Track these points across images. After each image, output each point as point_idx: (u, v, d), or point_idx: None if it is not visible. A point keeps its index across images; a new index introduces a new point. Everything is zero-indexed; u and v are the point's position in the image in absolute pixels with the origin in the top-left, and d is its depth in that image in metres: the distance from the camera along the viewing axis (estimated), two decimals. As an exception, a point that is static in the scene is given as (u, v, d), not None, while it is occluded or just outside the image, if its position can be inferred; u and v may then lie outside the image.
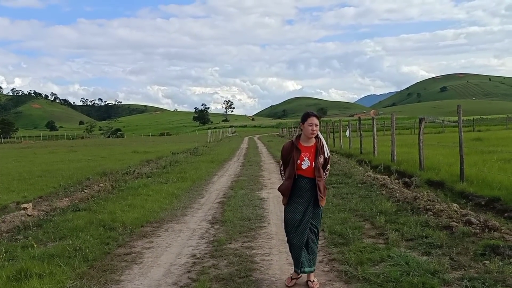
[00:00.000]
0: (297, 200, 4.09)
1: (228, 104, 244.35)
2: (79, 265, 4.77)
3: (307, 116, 4.09)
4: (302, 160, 4.05)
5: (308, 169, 4.04)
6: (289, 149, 4.15)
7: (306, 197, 4.08)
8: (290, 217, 4.13)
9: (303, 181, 4.07)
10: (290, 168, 4.09)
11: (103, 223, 6.74)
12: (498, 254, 4.46)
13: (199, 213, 7.82)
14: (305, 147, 4.11)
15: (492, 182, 8.27)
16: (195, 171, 14.29)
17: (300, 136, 4.20)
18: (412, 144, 16.56)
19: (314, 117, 4.06)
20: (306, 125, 4.07)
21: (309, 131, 4.05)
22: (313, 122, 4.03)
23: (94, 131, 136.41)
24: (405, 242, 5.21)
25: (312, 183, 4.06)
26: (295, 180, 4.06)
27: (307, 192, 4.07)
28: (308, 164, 4.05)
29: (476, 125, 45.70)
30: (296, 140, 4.16)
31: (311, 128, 4.04)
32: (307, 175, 4.06)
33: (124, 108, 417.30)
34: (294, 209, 4.10)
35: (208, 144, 37.58)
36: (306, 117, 4.08)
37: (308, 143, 4.12)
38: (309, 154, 4.07)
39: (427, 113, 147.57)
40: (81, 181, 11.84)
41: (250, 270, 4.57)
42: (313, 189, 4.07)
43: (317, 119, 4.06)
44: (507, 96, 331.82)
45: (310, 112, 4.11)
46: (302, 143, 4.13)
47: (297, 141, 4.15)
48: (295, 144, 4.12)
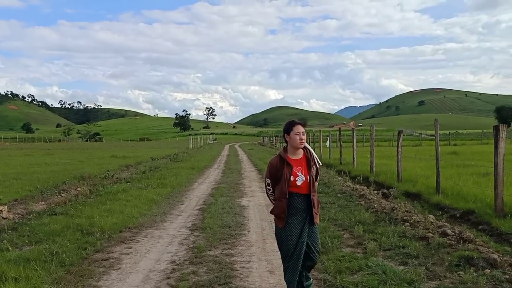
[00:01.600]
0: (292, 221, 3.64)
1: (209, 111, 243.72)
2: (56, 270, 4.69)
3: (292, 124, 3.71)
4: (296, 175, 3.62)
5: (303, 185, 3.63)
6: (278, 165, 3.69)
7: (302, 216, 3.65)
8: (285, 240, 3.66)
9: (299, 200, 3.64)
10: (282, 187, 3.62)
11: (81, 227, 6.64)
12: (472, 265, 4.58)
13: (179, 219, 7.78)
14: (295, 160, 3.69)
15: (467, 195, 8.49)
16: (175, 177, 14.20)
17: (286, 149, 3.77)
18: (390, 156, 16.87)
19: (300, 125, 3.70)
20: (293, 134, 3.67)
21: (297, 141, 3.65)
22: (300, 131, 3.66)
23: (72, 135, 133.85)
24: (383, 251, 5.30)
25: (308, 201, 3.66)
26: (289, 199, 3.63)
27: (303, 211, 3.65)
28: (303, 179, 3.63)
29: (452, 139, 46.80)
30: (284, 154, 3.73)
31: (299, 137, 3.65)
32: (302, 191, 3.64)
33: (103, 112, 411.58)
34: (290, 232, 3.63)
35: (188, 150, 37.38)
36: (291, 126, 3.69)
37: (297, 156, 3.72)
38: (301, 168, 3.66)
39: (405, 126, 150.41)
40: (58, 185, 11.61)
41: (229, 277, 4.57)
42: (309, 207, 3.66)
43: (303, 127, 3.71)
44: (482, 112, 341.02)
45: (294, 120, 3.77)
46: (291, 157, 3.71)
47: (285, 155, 3.71)
48: (285, 158, 3.68)
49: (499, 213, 6.88)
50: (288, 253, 3.65)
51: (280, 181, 3.65)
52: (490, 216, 6.95)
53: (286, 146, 3.79)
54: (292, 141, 3.69)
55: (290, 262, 3.65)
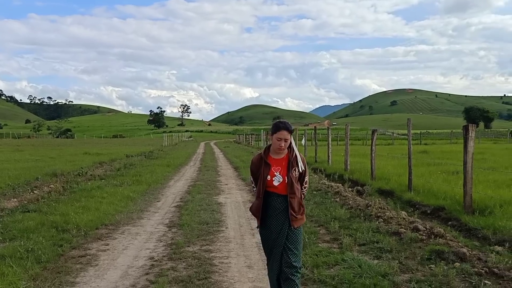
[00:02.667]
0: (270, 222, 3.55)
1: (184, 108, 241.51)
2: (32, 266, 4.63)
3: (277, 128, 3.51)
4: (273, 175, 3.51)
5: (281, 185, 3.51)
6: (258, 163, 3.63)
7: (281, 218, 3.52)
8: (264, 240, 3.64)
9: (277, 200, 3.53)
10: (259, 186, 3.57)
11: (56, 224, 6.54)
12: (443, 259, 4.78)
13: (156, 216, 7.76)
14: (275, 160, 3.57)
15: (438, 192, 8.78)
16: (150, 174, 14.09)
17: (269, 147, 3.67)
18: (364, 155, 17.21)
19: (285, 131, 3.47)
20: (275, 138, 3.52)
21: (277, 146, 3.51)
22: (282, 137, 3.47)
23: (42, 131, 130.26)
24: (358, 246, 5.46)
25: (287, 202, 3.53)
26: (268, 199, 3.54)
27: (282, 212, 3.52)
28: (280, 179, 3.51)
29: (422, 139, 48.01)
30: (265, 153, 3.63)
31: (279, 144, 3.50)
32: (281, 192, 3.52)
33: (75, 108, 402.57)
34: (268, 232, 3.57)
35: (163, 148, 37.04)
36: (276, 130, 3.51)
37: (279, 155, 3.58)
38: (280, 168, 3.53)
39: (378, 125, 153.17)
40: (30, 182, 11.36)
41: (209, 273, 4.62)
42: (288, 208, 3.53)
43: (288, 133, 3.49)
44: (451, 112, 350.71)
45: (281, 125, 3.52)
46: (272, 156, 3.60)
47: (266, 154, 3.62)
48: (264, 157, 3.59)
49: (468, 209, 7.15)
50: (266, 252, 3.65)
51: (258, 180, 3.59)
52: (460, 213, 7.22)
53: (270, 144, 3.68)
54: (273, 144, 3.59)
55: (269, 261, 3.63)
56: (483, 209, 6.99)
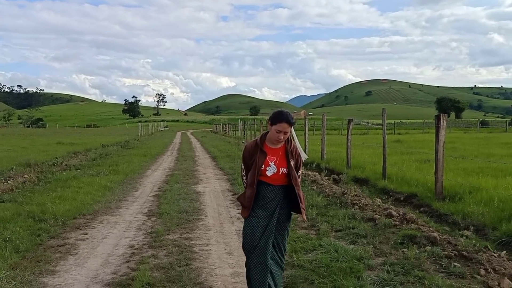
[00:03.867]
0: (259, 212, 3.39)
1: (160, 98, 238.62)
2: (11, 256, 4.61)
3: (278, 119, 3.29)
4: (267, 165, 3.35)
5: (274, 176, 3.36)
6: (252, 151, 3.43)
7: (270, 208, 3.39)
8: (249, 231, 3.40)
9: (267, 189, 3.38)
10: (252, 174, 3.37)
11: (32, 214, 6.48)
12: (415, 243, 4.99)
13: (134, 205, 7.75)
14: (272, 149, 3.40)
15: (410, 180, 9.07)
16: (127, 164, 13.97)
17: (266, 135, 3.46)
18: (340, 144, 17.49)
19: (286, 123, 3.27)
20: (274, 129, 3.32)
21: (275, 137, 3.33)
22: (281, 129, 3.28)
23: (13, 120, 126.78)
24: (334, 232, 5.63)
25: (277, 191, 3.39)
26: (259, 187, 3.39)
27: (271, 202, 3.39)
28: (274, 170, 3.35)
29: (396, 128, 49.01)
30: (261, 140, 3.43)
31: (277, 136, 3.31)
32: (271, 182, 3.38)
33: (46, 96, 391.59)
34: (255, 223, 3.38)
35: (139, 137, 36.62)
36: (276, 121, 3.30)
37: (275, 145, 3.40)
38: (276, 158, 3.37)
39: (354, 115, 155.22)
40: (3, 172, 11.12)
41: (189, 259, 4.69)
42: (278, 198, 3.39)
43: (289, 126, 3.29)
44: (424, 102, 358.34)
45: (282, 117, 3.29)
46: (269, 144, 3.41)
47: (262, 142, 3.42)
48: (260, 145, 3.39)
49: (439, 196, 7.44)
50: (252, 246, 3.36)
51: (252, 168, 3.40)
52: (431, 199, 7.50)
53: (267, 132, 3.46)
54: (271, 134, 3.37)
55: (253, 256, 3.36)
56: (453, 196, 7.29)
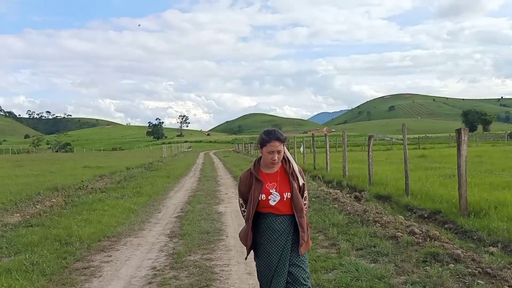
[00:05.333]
0: (269, 247, 3.01)
1: (183, 119, 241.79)
2: (38, 279, 4.74)
3: (265, 140, 2.98)
4: (268, 193, 2.99)
5: (279, 204, 2.99)
6: (247, 182, 3.08)
7: (282, 241, 3.01)
8: (263, 271, 3.06)
9: (276, 221, 3.01)
10: (248, 208, 3.03)
11: (59, 238, 6.65)
12: (438, 261, 4.90)
13: (157, 227, 7.87)
14: (268, 175, 3.05)
15: (434, 196, 8.91)
16: (151, 186, 14.21)
17: (260, 160, 3.13)
18: (363, 161, 17.35)
19: (276, 141, 2.96)
20: (265, 152, 3.00)
21: (269, 160, 3.00)
22: (273, 149, 2.96)
23: (42, 145, 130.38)
24: (355, 251, 5.58)
25: (287, 223, 3.02)
26: (263, 220, 3.03)
27: (283, 235, 3.01)
28: (277, 198, 2.99)
29: (421, 143, 48.24)
30: (255, 168, 3.09)
31: (271, 157, 2.99)
32: (279, 212, 3.00)
33: (73, 121, 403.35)
34: (267, 261, 3.02)
35: (163, 159, 37.14)
36: (265, 142, 2.98)
37: (272, 169, 3.07)
38: (275, 184, 3.01)
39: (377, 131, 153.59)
40: (32, 197, 11.46)
41: (210, 280, 4.73)
42: (288, 230, 3.02)
43: (280, 143, 2.98)
44: (449, 116, 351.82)
45: (271, 133, 3.00)
46: (264, 170, 3.08)
47: (256, 169, 3.09)
48: (254, 173, 3.05)
49: (463, 212, 7.28)
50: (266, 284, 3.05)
51: (248, 200, 3.05)
52: (456, 215, 7.35)
53: (260, 157, 3.14)
54: (263, 158, 3.06)
55: None
56: (478, 211, 7.13)
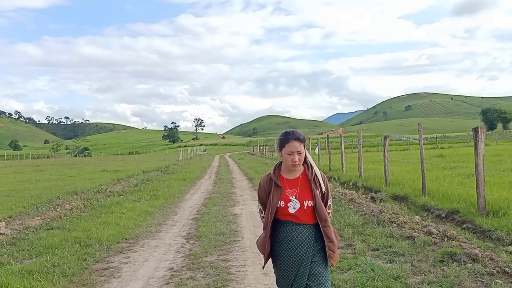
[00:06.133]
0: (287, 258, 2.83)
1: (198, 122, 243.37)
2: (58, 280, 4.86)
3: (285, 140, 2.82)
4: (288, 200, 2.81)
5: (299, 212, 2.80)
6: (267, 187, 2.90)
7: (301, 252, 2.80)
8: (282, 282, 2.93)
9: (295, 230, 2.81)
10: (266, 214, 2.86)
11: (79, 240, 6.80)
12: (455, 261, 4.86)
13: (174, 229, 7.97)
14: (289, 180, 2.87)
15: (452, 196, 8.81)
16: (167, 189, 14.36)
17: (281, 165, 2.95)
18: (379, 161, 17.21)
19: (296, 141, 2.78)
20: (285, 153, 2.82)
21: (289, 162, 2.81)
22: (293, 150, 2.78)
23: (61, 150, 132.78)
24: (371, 251, 5.57)
25: (308, 232, 2.82)
26: (282, 229, 2.84)
27: (303, 245, 2.80)
28: (297, 206, 2.80)
29: (439, 143, 47.56)
30: (274, 173, 2.91)
31: (291, 159, 2.79)
32: (299, 221, 2.81)
33: (91, 126, 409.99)
34: (286, 272, 2.85)
35: (179, 162, 37.43)
36: (284, 142, 2.82)
37: (293, 174, 2.88)
38: (296, 191, 2.82)
39: (393, 131, 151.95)
40: (52, 200, 11.70)
41: (226, 281, 4.79)
42: (309, 241, 2.82)
43: (301, 144, 2.80)
44: (468, 114, 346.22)
45: (290, 133, 2.83)
46: (285, 175, 2.89)
47: (276, 174, 2.90)
48: (274, 178, 2.87)
49: (482, 211, 7.19)
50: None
51: (266, 207, 2.88)
52: (474, 215, 7.25)
53: (281, 161, 2.96)
54: (284, 161, 2.87)
55: None
56: (497, 211, 7.02)
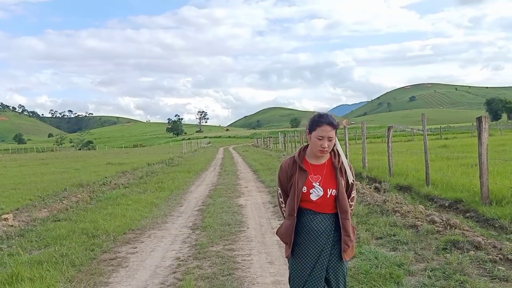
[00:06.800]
0: (305, 249, 2.69)
1: (202, 115, 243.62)
2: (67, 270, 4.96)
3: (316, 123, 2.63)
4: (311, 186, 2.65)
5: (321, 200, 2.66)
6: (289, 170, 2.74)
7: (319, 244, 2.68)
8: (296, 273, 2.72)
9: (314, 219, 2.68)
10: (291, 200, 2.68)
11: (86, 231, 6.89)
12: (458, 248, 4.91)
13: (180, 220, 8.06)
14: (315, 166, 2.70)
15: (456, 185, 8.85)
16: (172, 181, 14.45)
17: (306, 149, 2.78)
18: (383, 152, 17.23)
19: (328, 126, 2.61)
20: (314, 137, 2.63)
21: (317, 147, 2.63)
22: (324, 134, 2.60)
23: (65, 144, 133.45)
24: (375, 240, 5.63)
25: (327, 222, 2.68)
26: (304, 217, 2.70)
27: (321, 236, 2.68)
28: (320, 193, 2.65)
29: (443, 133, 47.42)
30: (299, 156, 2.74)
31: (320, 144, 2.62)
32: (318, 209, 2.68)
33: (95, 120, 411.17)
34: (302, 263, 2.69)
35: (183, 155, 37.58)
36: (315, 125, 2.63)
37: (318, 160, 2.71)
38: (321, 177, 2.67)
39: (398, 122, 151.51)
40: (58, 193, 11.84)
41: (232, 269, 4.87)
42: (328, 231, 2.69)
43: (333, 129, 2.62)
44: (473, 105, 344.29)
45: (324, 117, 2.64)
46: (309, 160, 2.73)
47: (301, 158, 2.74)
48: (298, 161, 2.71)
49: (485, 200, 7.23)
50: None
51: (290, 192, 2.72)
52: (477, 204, 7.30)
53: (306, 145, 2.80)
54: (312, 144, 2.69)
55: None
56: (500, 200, 7.07)
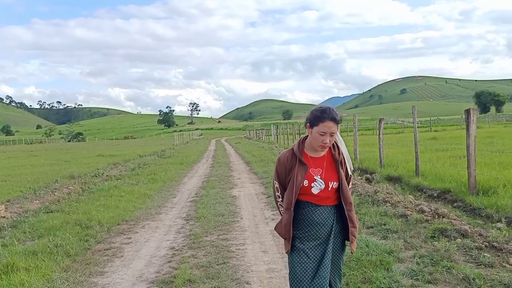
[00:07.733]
0: (307, 243, 2.62)
1: (193, 107, 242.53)
2: (62, 260, 5.00)
3: (319, 118, 2.54)
4: (312, 180, 2.60)
5: (323, 193, 2.60)
6: (288, 163, 2.66)
7: (321, 236, 2.63)
8: (299, 270, 2.59)
9: (315, 212, 2.62)
10: (289, 194, 2.61)
11: (79, 222, 6.92)
12: (446, 236, 5.06)
13: (173, 211, 8.12)
14: (314, 158, 2.65)
15: (444, 176, 9.02)
16: (165, 172, 14.49)
17: (304, 141, 2.70)
18: (374, 144, 17.41)
19: (331, 121, 2.52)
20: (316, 132, 2.55)
21: (319, 143, 2.56)
22: (326, 131, 2.52)
23: (54, 136, 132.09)
24: (366, 229, 5.75)
25: (328, 214, 2.63)
26: (300, 210, 2.64)
27: (322, 228, 2.62)
28: (321, 186, 2.60)
29: (433, 126, 47.87)
30: (298, 149, 2.66)
31: (322, 139, 2.55)
32: (319, 202, 2.62)
33: (84, 111, 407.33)
34: (304, 259, 2.60)
35: (175, 147, 37.52)
36: (318, 120, 2.54)
37: (318, 153, 2.66)
38: (321, 170, 2.62)
39: (388, 114, 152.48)
40: (49, 185, 11.82)
41: (227, 258, 4.95)
42: (329, 222, 2.63)
43: (335, 125, 2.54)
44: (462, 97, 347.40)
45: (327, 112, 2.54)
46: (308, 153, 2.67)
47: (300, 150, 2.66)
48: (298, 154, 2.63)
49: (472, 190, 7.39)
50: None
51: (289, 186, 2.64)
52: (465, 194, 7.46)
53: (305, 137, 2.72)
54: (313, 140, 2.61)
55: None
56: (487, 190, 7.23)
